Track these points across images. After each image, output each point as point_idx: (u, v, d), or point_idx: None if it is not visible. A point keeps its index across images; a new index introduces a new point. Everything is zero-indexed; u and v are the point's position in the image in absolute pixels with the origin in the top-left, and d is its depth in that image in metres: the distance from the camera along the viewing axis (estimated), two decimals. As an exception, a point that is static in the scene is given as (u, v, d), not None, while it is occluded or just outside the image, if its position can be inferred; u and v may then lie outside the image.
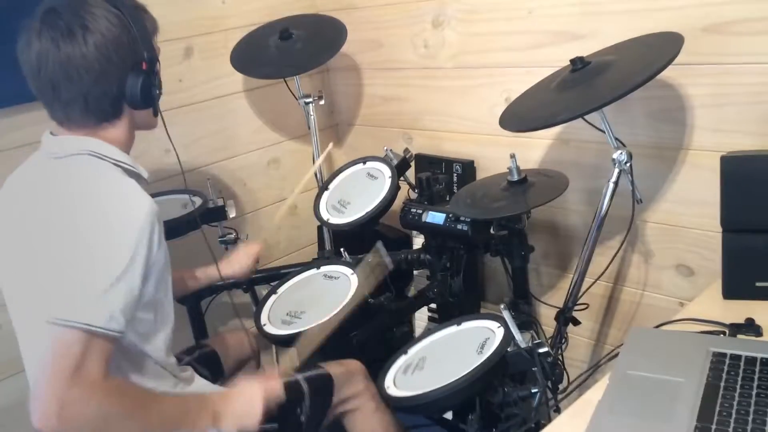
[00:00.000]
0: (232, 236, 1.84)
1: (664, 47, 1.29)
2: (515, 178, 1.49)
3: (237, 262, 1.60)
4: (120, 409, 0.98)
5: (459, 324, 1.41)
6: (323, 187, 1.82)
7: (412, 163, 1.86)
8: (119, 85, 1.10)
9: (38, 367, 0.96)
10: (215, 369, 1.51)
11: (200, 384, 1.32)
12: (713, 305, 1.20)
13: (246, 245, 1.65)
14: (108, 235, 1.00)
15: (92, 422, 0.95)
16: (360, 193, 1.73)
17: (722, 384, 0.94)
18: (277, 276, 1.78)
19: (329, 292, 1.57)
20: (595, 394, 0.98)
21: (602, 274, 1.57)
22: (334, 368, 1.43)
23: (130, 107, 1.13)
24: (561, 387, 1.38)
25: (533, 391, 1.30)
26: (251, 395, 1.16)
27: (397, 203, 1.71)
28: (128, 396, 1.02)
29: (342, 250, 1.72)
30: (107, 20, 1.07)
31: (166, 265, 1.14)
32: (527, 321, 1.58)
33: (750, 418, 0.87)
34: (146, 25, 1.13)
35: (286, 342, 1.45)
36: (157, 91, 1.15)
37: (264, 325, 1.53)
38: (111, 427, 0.98)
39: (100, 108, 1.10)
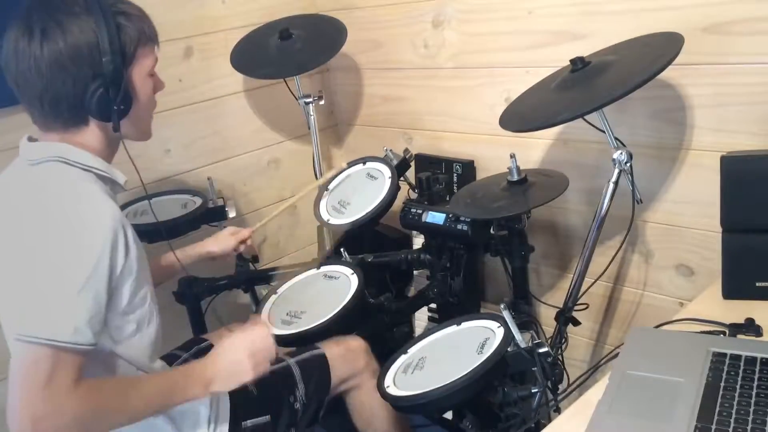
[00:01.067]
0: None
1: (664, 47, 1.29)
2: (515, 178, 1.49)
3: (223, 241, 1.60)
4: (97, 407, 0.96)
5: (459, 324, 1.41)
6: (323, 187, 1.82)
7: (412, 163, 1.86)
8: (74, 93, 1.05)
9: (10, 380, 0.93)
10: None
11: None
12: (713, 305, 1.20)
13: (235, 227, 1.65)
14: (68, 245, 0.98)
15: (73, 428, 0.93)
16: (360, 193, 1.73)
17: (722, 384, 0.94)
18: (277, 276, 1.78)
19: (329, 292, 1.57)
20: (595, 394, 0.98)
21: (602, 274, 1.57)
22: (332, 348, 1.41)
23: (91, 116, 1.09)
24: (561, 387, 1.38)
25: (533, 391, 1.30)
26: (234, 349, 1.14)
27: (397, 203, 1.71)
28: (103, 391, 0.99)
29: (342, 250, 1.72)
30: (75, 26, 1.02)
31: (142, 269, 1.11)
32: (527, 321, 1.58)
33: (750, 418, 0.87)
34: (127, 34, 1.07)
35: (286, 342, 1.44)
36: (119, 106, 1.07)
37: (264, 325, 1.53)
38: (96, 426, 0.97)
39: (56, 113, 1.07)
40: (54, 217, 1.00)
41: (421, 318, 1.99)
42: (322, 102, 1.99)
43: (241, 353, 1.14)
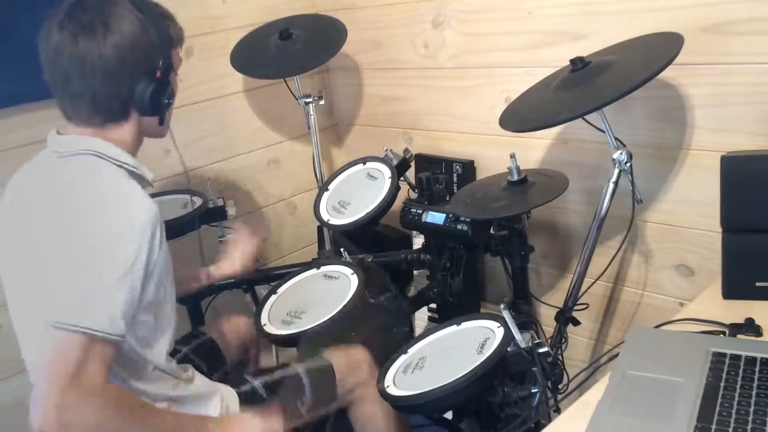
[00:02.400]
0: (231, 236, 1.84)
1: (664, 47, 1.29)
2: (515, 178, 1.49)
3: (239, 262, 1.59)
4: (117, 419, 0.97)
5: (459, 324, 1.41)
6: (323, 187, 1.82)
7: (412, 163, 1.86)
8: (129, 89, 1.10)
9: (39, 369, 0.95)
10: (215, 357, 1.50)
11: (200, 382, 1.31)
12: (713, 305, 1.20)
13: (243, 243, 1.63)
14: (109, 238, 1.00)
15: (90, 428, 0.94)
16: (360, 193, 1.73)
17: (722, 384, 0.94)
18: (277, 276, 1.78)
19: (329, 292, 1.57)
20: (595, 394, 0.98)
21: (602, 274, 1.57)
22: (338, 358, 1.42)
23: (138, 112, 1.14)
24: (561, 387, 1.38)
25: (533, 391, 1.30)
26: (250, 427, 1.15)
27: (397, 203, 1.71)
28: (126, 406, 1.00)
29: (342, 250, 1.72)
30: (129, 22, 1.07)
31: (167, 267, 1.14)
32: (527, 321, 1.58)
33: (750, 418, 0.87)
34: (169, 33, 1.13)
35: (286, 342, 1.45)
36: (167, 101, 1.14)
37: (264, 325, 1.53)
38: None
39: (107, 107, 1.11)
40: (93, 207, 1.02)
41: (421, 318, 1.99)
42: (322, 102, 1.99)
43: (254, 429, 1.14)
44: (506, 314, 1.27)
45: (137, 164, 1.16)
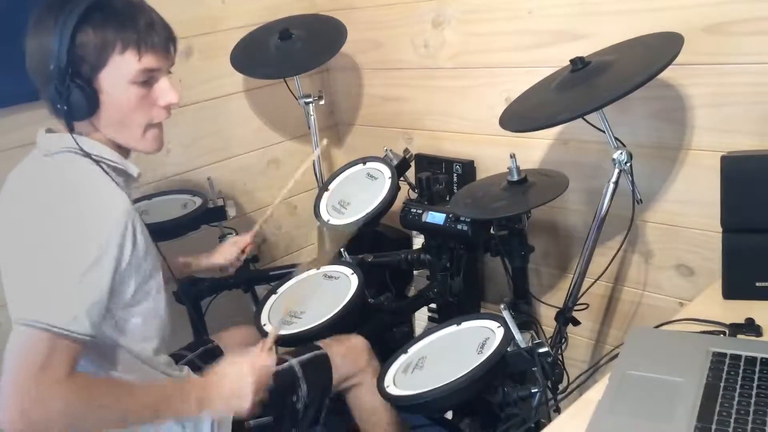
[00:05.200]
0: (232, 236, 1.84)
1: (664, 47, 1.29)
2: (515, 178, 1.49)
3: (226, 252, 1.59)
4: (89, 404, 0.96)
5: (459, 324, 1.41)
6: (323, 187, 1.82)
7: (412, 163, 1.86)
8: (44, 93, 1.08)
9: (5, 366, 0.93)
10: None
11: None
12: (713, 305, 1.20)
13: (235, 237, 1.65)
14: (74, 234, 0.99)
15: (59, 420, 0.93)
16: (360, 193, 1.73)
17: (722, 384, 0.94)
18: (277, 276, 1.78)
19: (329, 292, 1.57)
20: (595, 394, 0.98)
21: (602, 274, 1.57)
22: (333, 346, 1.42)
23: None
24: (561, 387, 1.38)
25: (533, 391, 1.30)
26: (238, 374, 1.12)
27: (397, 203, 1.71)
28: (97, 389, 0.99)
29: (342, 250, 1.72)
30: (45, 28, 1.04)
31: (151, 264, 1.12)
32: (527, 321, 1.58)
33: (750, 418, 0.87)
34: (89, 39, 1.04)
35: (286, 342, 1.45)
36: (62, 106, 1.05)
37: (264, 325, 1.53)
38: (82, 423, 0.96)
39: (54, 107, 1.08)
40: (62, 205, 1.01)
41: (421, 318, 1.99)
42: (322, 102, 1.99)
43: (243, 379, 1.12)
44: (506, 314, 1.27)
45: (120, 160, 1.14)
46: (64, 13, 1.02)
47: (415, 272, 1.99)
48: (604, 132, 1.38)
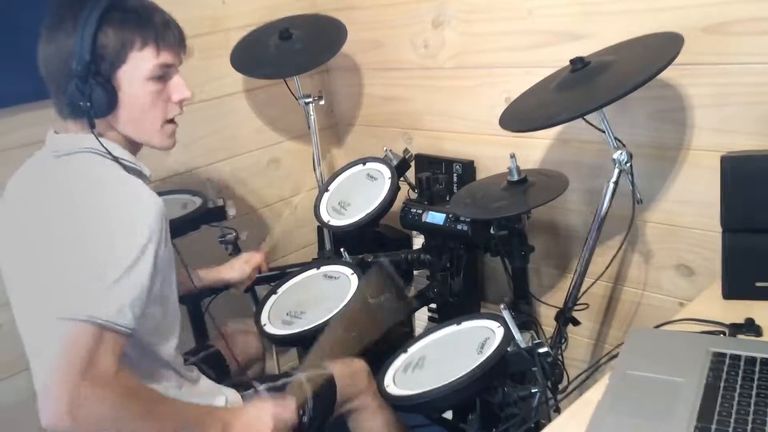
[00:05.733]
0: (232, 236, 1.85)
1: (664, 47, 1.29)
2: (515, 178, 1.49)
3: (238, 269, 1.61)
4: (132, 409, 0.97)
5: (459, 324, 1.41)
6: (323, 188, 1.82)
7: (412, 163, 1.86)
8: (65, 91, 1.08)
9: (48, 365, 0.94)
10: (221, 369, 1.51)
11: (205, 384, 1.31)
12: (713, 305, 1.20)
13: (248, 253, 1.66)
14: (116, 229, 1.00)
15: (105, 420, 0.93)
16: (360, 194, 1.73)
17: (722, 384, 0.94)
18: (277, 276, 1.78)
19: (329, 292, 1.57)
20: (595, 394, 0.98)
21: (602, 274, 1.57)
22: (338, 368, 1.42)
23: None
24: (561, 387, 1.38)
25: (533, 391, 1.30)
26: (262, 415, 1.15)
27: (397, 203, 1.71)
28: (141, 396, 1.00)
29: (342, 250, 1.72)
30: (66, 28, 1.06)
31: (171, 261, 1.15)
32: (527, 321, 1.58)
33: (750, 418, 0.87)
34: (109, 37, 1.07)
35: (286, 342, 1.44)
36: (85, 103, 1.07)
37: (264, 325, 1.53)
38: (128, 425, 0.97)
39: (75, 106, 1.09)
40: (100, 204, 1.02)
41: (421, 318, 1.99)
42: (322, 102, 1.99)
43: (265, 420, 1.15)
44: (506, 314, 1.27)
45: (134, 159, 1.16)
46: (83, 14, 1.05)
47: (415, 272, 1.99)
48: (604, 132, 1.38)
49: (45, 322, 0.97)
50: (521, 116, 1.44)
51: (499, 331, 1.31)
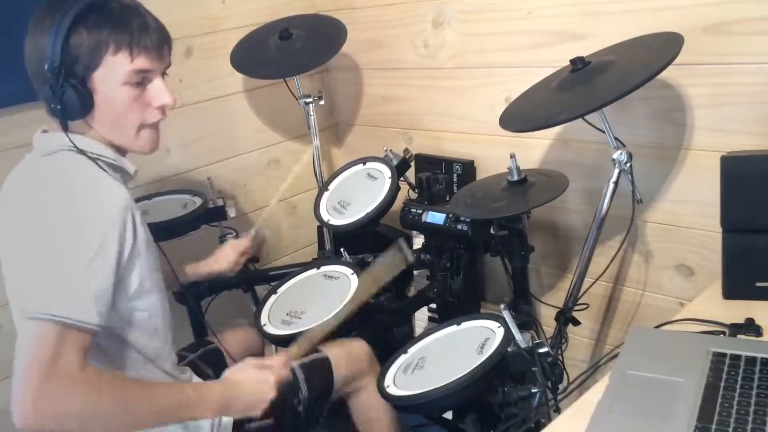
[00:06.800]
0: (232, 236, 1.84)
1: (664, 47, 1.29)
2: (515, 178, 1.49)
3: (223, 258, 1.59)
4: (105, 404, 0.96)
5: (459, 324, 1.41)
6: (323, 187, 1.82)
7: (412, 163, 1.86)
8: (41, 92, 1.09)
9: (16, 361, 0.94)
10: (218, 366, 1.50)
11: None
12: (713, 305, 1.20)
13: (234, 242, 1.65)
14: (76, 226, 1.00)
15: (74, 415, 0.93)
16: (360, 193, 1.73)
17: (722, 384, 0.94)
18: (277, 276, 1.78)
19: (329, 292, 1.57)
20: (595, 394, 0.98)
21: (602, 274, 1.57)
22: (335, 350, 1.42)
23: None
24: (561, 387, 1.38)
25: (533, 391, 1.30)
26: (262, 382, 1.15)
27: (397, 203, 1.71)
28: (114, 390, 0.99)
29: (342, 250, 1.72)
30: (41, 27, 1.06)
31: (151, 257, 1.13)
32: (527, 321, 1.58)
33: (750, 418, 0.87)
34: (83, 39, 1.06)
35: (286, 342, 1.44)
36: (55, 105, 1.07)
37: (264, 325, 1.53)
38: (98, 420, 0.96)
39: (48, 106, 1.09)
40: (62, 200, 1.02)
41: (421, 318, 1.99)
42: (322, 102, 1.99)
43: (267, 388, 1.15)
44: (506, 314, 1.27)
45: (116, 156, 1.15)
46: (59, 14, 1.04)
47: (415, 272, 1.99)
48: (604, 132, 1.38)
49: (19, 320, 0.97)
50: (521, 116, 1.44)
51: (499, 331, 1.31)
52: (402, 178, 1.77)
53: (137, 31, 1.08)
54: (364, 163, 1.81)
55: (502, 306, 1.29)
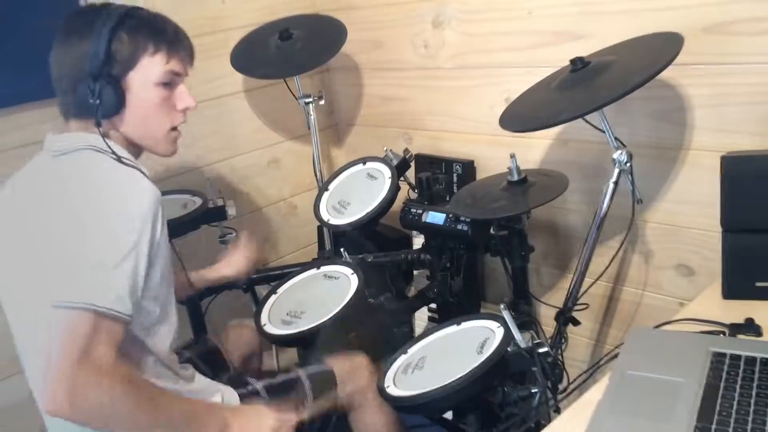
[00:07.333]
0: (233, 236, 1.84)
1: (664, 47, 1.29)
2: (515, 178, 1.49)
3: (235, 264, 1.60)
4: (129, 399, 0.97)
5: (459, 324, 1.41)
6: (323, 187, 1.82)
7: (412, 163, 1.86)
8: (74, 91, 1.12)
9: (45, 352, 0.94)
10: (218, 364, 1.50)
11: (201, 382, 1.31)
12: (713, 305, 1.20)
13: (243, 247, 1.65)
14: (112, 217, 1.01)
15: (102, 408, 0.94)
16: (360, 193, 1.73)
17: (722, 384, 0.94)
18: (277, 276, 1.78)
19: (329, 292, 1.57)
20: (595, 394, 0.98)
21: (602, 274, 1.57)
22: (339, 364, 1.42)
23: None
24: (561, 387, 1.38)
25: (533, 391, 1.30)
26: (263, 418, 1.16)
27: (397, 203, 1.71)
28: (138, 387, 1.00)
29: (342, 250, 1.72)
30: (81, 32, 1.11)
31: (168, 257, 1.15)
32: (527, 321, 1.58)
33: (750, 418, 0.87)
34: (122, 41, 1.12)
35: (286, 342, 1.44)
36: (94, 101, 1.11)
37: (264, 325, 1.53)
38: (119, 417, 0.97)
39: (84, 103, 1.12)
40: (98, 193, 1.04)
41: (421, 318, 1.99)
42: (322, 102, 1.99)
43: (265, 424, 1.16)
44: (506, 314, 1.27)
45: (134, 160, 1.17)
46: (100, 20, 1.10)
47: (415, 272, 1.99)
48: (604, 132, 1.38)
49: (41, 311, 0.97)
50: (521, 116, 1.44)
51: (499, 331, 1.31)
52: (402, 178, 1.77)
53: (173, 35, 1.18)
54: (364, 163, 1.81)
55: (501, 306, 1.29)
